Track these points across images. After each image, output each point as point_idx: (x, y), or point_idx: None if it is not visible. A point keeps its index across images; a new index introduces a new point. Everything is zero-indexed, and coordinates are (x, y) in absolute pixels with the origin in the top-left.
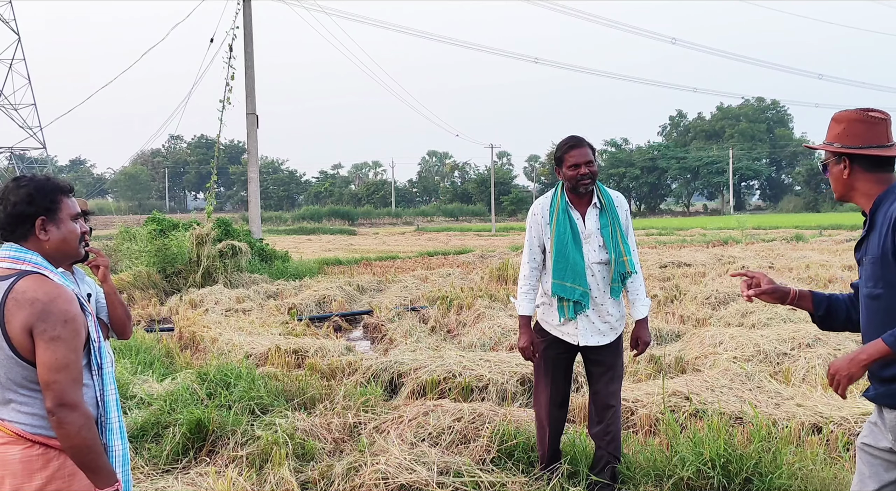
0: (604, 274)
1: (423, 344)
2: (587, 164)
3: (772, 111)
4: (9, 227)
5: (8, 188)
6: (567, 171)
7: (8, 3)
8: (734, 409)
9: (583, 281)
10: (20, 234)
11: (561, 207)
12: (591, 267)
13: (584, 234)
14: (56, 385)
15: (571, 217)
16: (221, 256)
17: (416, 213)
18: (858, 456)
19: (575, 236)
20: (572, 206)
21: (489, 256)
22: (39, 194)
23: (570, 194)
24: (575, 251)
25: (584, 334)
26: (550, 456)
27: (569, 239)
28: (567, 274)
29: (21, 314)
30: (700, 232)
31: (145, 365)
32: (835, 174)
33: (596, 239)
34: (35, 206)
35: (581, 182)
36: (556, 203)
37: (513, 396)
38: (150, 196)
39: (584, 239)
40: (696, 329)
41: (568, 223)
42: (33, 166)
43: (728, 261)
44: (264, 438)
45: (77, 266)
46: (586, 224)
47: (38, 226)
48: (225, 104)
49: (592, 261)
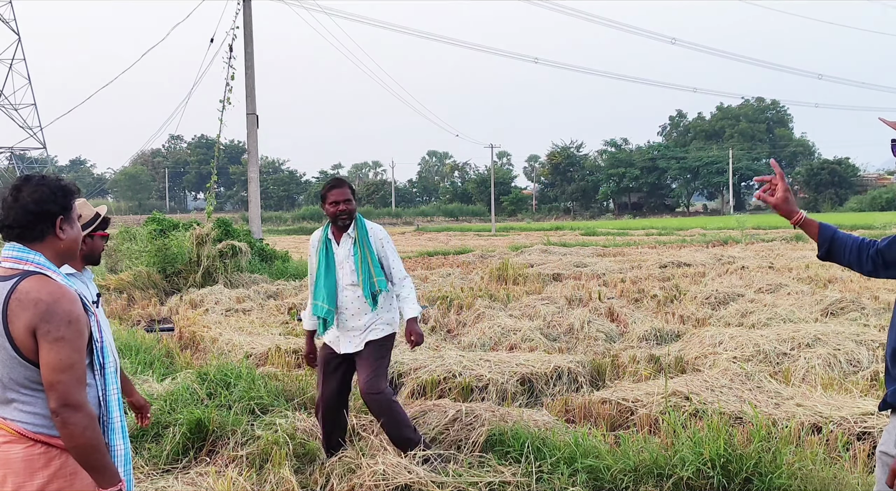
0: (357, 293)
1: (422, 344)
2: (345, 202)
3: (772, 111)
4: (29, 225)
5: (22, 187)
6: (328, 207)
7: (8, 3)
8: (734, 409)
9: (331, 301)
10: (38, 233)
11: (323, 239)
12: (345, 290)
13: (342, 261)
14: (60, 386)
15: (330, 247)
16: (221, 256)
17: (416, 214)
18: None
19: (329, 263)
20: (333, 238)
21: (489, 256)
22: (61, 193)
23: (333, 227)
24: (328, 277)
25: (344, 345)
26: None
27: (323, 266)
28: (319, 295)
29: (25, 315)
30: (700, 232)
31: (145, 365)
32: None
33: (347, 264)
34: (58, 205)
35: (340, 217)
36: (323, 235)
37: (513, 396)
38: (150, 196)
39: (341, 265)
40: (695, 329)
41: (325, 252)
42: (33, 166)
43: (728, 261)
44: (264, 438)
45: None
46: (340, 253)
47: (58, 224)
48: (225, 104)
49: (346, 283)
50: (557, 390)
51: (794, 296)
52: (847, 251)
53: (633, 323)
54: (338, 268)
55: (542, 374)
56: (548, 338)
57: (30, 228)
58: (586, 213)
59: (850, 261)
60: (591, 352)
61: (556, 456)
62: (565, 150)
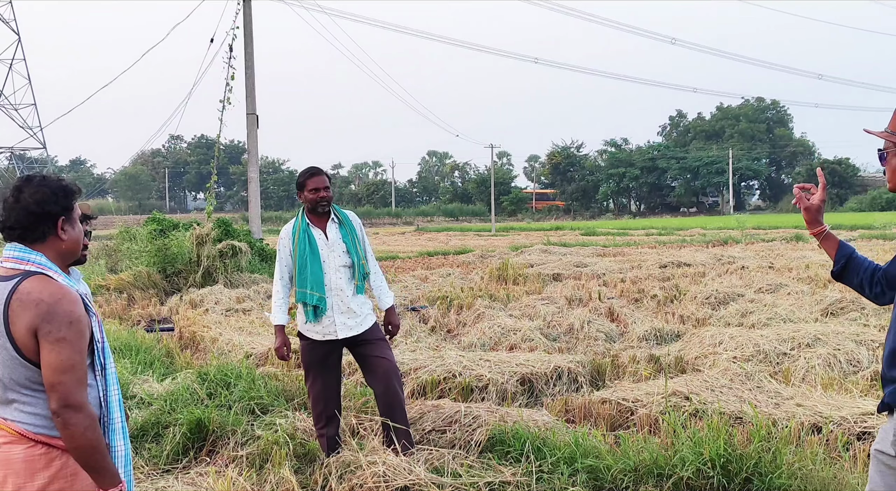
0: (348, 276)
1: (422, 344)
2: (325, 190)
3: (772, 111)
4: (31, 226)
5: (24, 188)
6: (308, 194)
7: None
8: (734, 409)
9: (321, 288)
10: (40, 233)
11: (301, 228)
12: (338, 270)
13: (329, 245)
14: (61, 386)
15: (311, 235)
16: (221, 256)
17: (416, 213)
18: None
19: (313, 251)
20: (312, 225)
21: (489, 256)
22: (62, 193)
23: (309, 215)
24: (313, 263)
25: (342, 329)
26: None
27: (307, 254)
28: (307, 283)
29: (26, 315)
30: (700, 232)
31: (145, 365)
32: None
33: (339, 246)
34: (60, 205)
35: (320, 203)
36: (298, 225)
37: (513, 396)
38: (150, 196)
39: (329, 249)
40: (696, 329)
41: (307, 240)
42: (33, 166)
43: (728, 261)
44: (264, 438)
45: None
46: (328, 236)
47: (59, 225)
48: (225, 104)
49: (338, 265)
50: (557, 390)
51: (794, 296)
52: (861, 272)
53: (633, 323)
54: (327, 251)
55: (542, 374)
56: (548, 338)
57: (31, 229)
58: (586, 213)
59: (861, 282)
60: (591, 352)
61: (556, 456)
62: (565, 150)
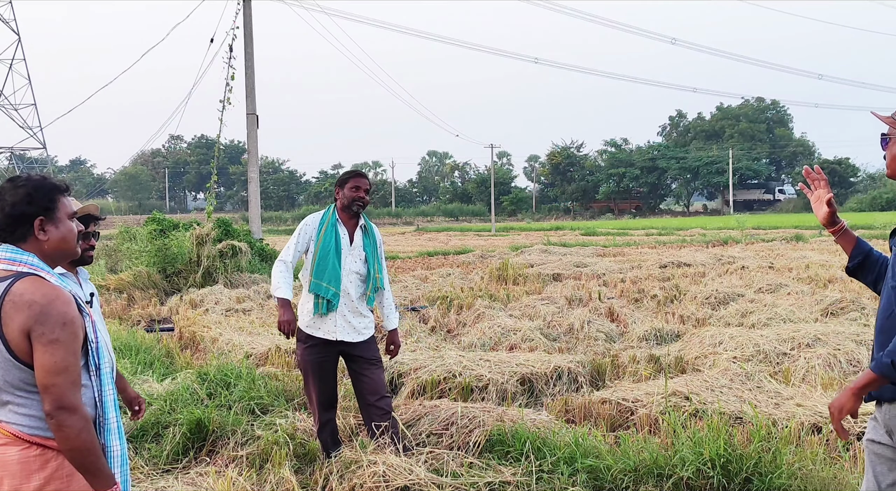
0: (359, 283)
1: (422, 344)
2: (365, 191)
3: (772, 111)
4: (8, 228)
5: (5, 189)
6: (348, 191)
7: (8, 3)
8: (734, 409)
9: (337, 284)
10: (19, 235)
11: (331, 222)
12: (351, 275)
13: (351, 248)
14: (55, 388)
15: (338, 232)
16: (221, 256)
17: (416, 213)
18: (865, 456)
19: (338, 247)
20: (341, 224)
21: (489, 256)
22: (38, 194)
23: (341, 214)
24: (335, 258)
25: (342, 331)
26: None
27: (332, 248)
28: (325, 276)
29: (19, 317)
30: (700, 232)
31: (145, 365)
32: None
33: (359, 253)
34: (34, 206)
35: (356, 202)
36: (327, 218)
37: (513, 396)
38: (150, 196)
39: (350, 252)
40: (695, 329)
41: (334, 235)
42: (33, 166)
43: (728, 261)
44: (264, 438)
45: (80, 267)
46: (353, 240)
47: (36, 226)
48: (225, 104)
49: (353, 270)
50: (557, 390)
51: (794, 296)
52: (878, 268)
53: (633, 323)
54: (347, 253)
55: (542, 374)
56: (548, 338)
57: (9, 231)
58: (586, 213)
59: (876, 280)
60: (591, 352)
61: (556, 456)
62: (565, 150)
